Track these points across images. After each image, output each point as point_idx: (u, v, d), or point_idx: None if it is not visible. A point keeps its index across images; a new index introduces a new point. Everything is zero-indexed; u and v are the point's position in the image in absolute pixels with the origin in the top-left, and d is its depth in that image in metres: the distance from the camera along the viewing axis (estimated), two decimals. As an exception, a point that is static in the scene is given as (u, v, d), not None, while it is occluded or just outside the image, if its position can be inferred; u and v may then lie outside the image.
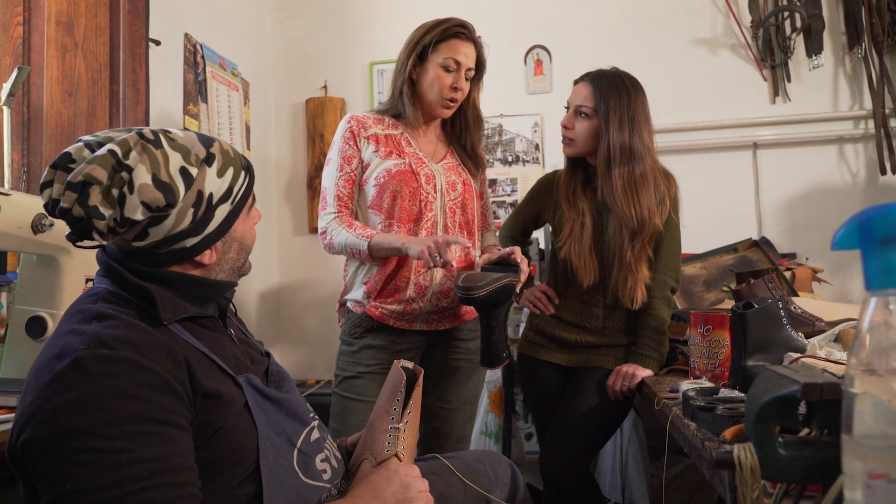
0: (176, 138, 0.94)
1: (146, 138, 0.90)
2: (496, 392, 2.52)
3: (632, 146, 1.67)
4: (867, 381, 0.52)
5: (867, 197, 2.71)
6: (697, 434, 1.03)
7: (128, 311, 0.89)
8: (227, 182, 0.97)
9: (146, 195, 0.87)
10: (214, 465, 0.88)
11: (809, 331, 1.51)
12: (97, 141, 0.90)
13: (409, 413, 1.13)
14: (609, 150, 1.67)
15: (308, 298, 3.17)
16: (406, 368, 1.18)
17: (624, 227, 1.67)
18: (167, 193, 0.88)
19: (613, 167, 1.67)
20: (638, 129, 1.68)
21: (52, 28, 1.89)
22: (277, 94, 3.23)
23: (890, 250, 0.52)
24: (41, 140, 1.86)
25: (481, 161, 1.82)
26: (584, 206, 1.78)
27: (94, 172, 0.85)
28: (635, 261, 1.68)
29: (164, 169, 0.89)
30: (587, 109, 1.71)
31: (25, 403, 0.80)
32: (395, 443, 1.10)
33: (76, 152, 0.88)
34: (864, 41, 2.70)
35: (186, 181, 0.91)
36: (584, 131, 1.72)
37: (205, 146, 0.96)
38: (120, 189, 0.86)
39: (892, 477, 0.48)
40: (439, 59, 1.63)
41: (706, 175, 2.85)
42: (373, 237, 1.57)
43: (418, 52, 1.65)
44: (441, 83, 1.63)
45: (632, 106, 1.68)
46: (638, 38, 2.94)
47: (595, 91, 1.70)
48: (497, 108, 2.99)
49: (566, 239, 1.77)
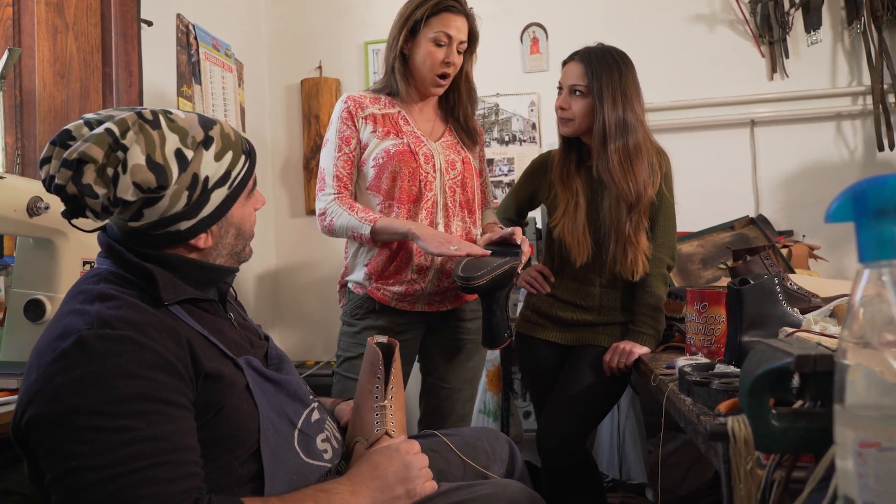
0: (176, 119, 0.94)
1: (145, 118, 0.90)
2: (494, 371, 2.53)
3: (626, 119, 1.67)
4: (860, 353, 0.52)
5: (865, 173, 2.70)
6: (693, 409, 1.04)
7: (130, 291, 0.89)
8: (224, 166, 0.96)
9: (138, 175, 0.86)
10: (216, 445, 0.89)
11: (805, 307, 1.52)
12: (97, 119, 0.90)
13: (391, 388, 1.13)
14: (604, 125, 1.67)
15: (306, 280, 3.17)
16: (380, 344, 1.18)
17: (622, 202, 1.67)
18: (159, 175, 0.88)
19: (609, 142, 1.67)
20: (630, 102, 1.69)
21: (42, 9, 1.87)
22: (272, 75, 3.21)
23: (883, 222, 0.52)
24: (34, 123, 1.85)
25: (477, 134, 1.80)
26: (578, 185, 1.78)
27: (89, 151, 0.84)
28: (634, 233, 1.68)
29: (158, 150, 0.89)
30: (581, 88, 1.71)
31: (29, 382, 0.81)
32: (384, 421, 1.10)
33: (76, 129, 0.88)
34: (863, 16, 2.67)
35: (181, 163, 0.91)
36: (580, 110, 1.72)
37: (204, 129, 0.95)
38: (115, 168, 0.86)
39: (884, 445, 0.49)
40: (430, 33, 1.61)
41: (703, 153, 2.84)
42: (376, 221, 1.56)
43: (409, 27, 1.63)
44: (433, 58, 1.62)
45: (623, 80, 1.69)
46: (635, 15, 2.91)
47: (587, 69, 1.70)
48: (493, 88, 2.97)
49: (560, 218, 1.77)
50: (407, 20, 1.63)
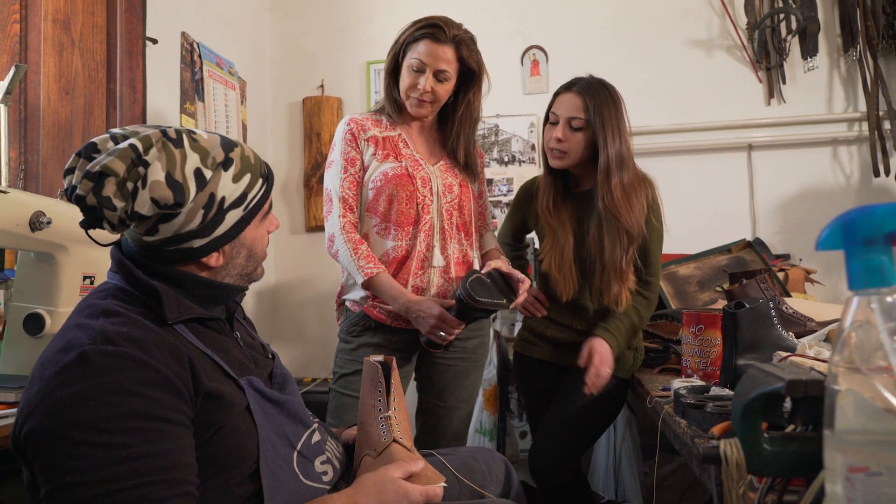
0: (199, 140, 0.95)
1: (169, 136, 0.92)
2: (491, 390, 2.53)
3: (622, 154, 1.67)
4: (850, 378, 0.53)
5: (860, 199, 2.72)
6: (688, 431, 1.05)
7: (135, 308, 0.90)
8: (241, 188, 0.98)
9: (156, 192, 0.88)
10: (213, 464, 0.89)
11: (800, 331, 1.52)
12: (123, 134, 0.92)
13: (394, 400, 1.14)
14: (607, 160, 1.65)
15: (304, 297, 3.17)
16: (378, 361, 1.20)
17: (623, 235, 1.66)
18: (177, 192, 0.90)
19: (612, 177, 1.65)
20: (624, 136, 1.69)
21: (48, 26, 1.89)
22: (274, 93, 3.24)
23: (872, 251, 0.53)
24: (38, 138, 1.86)
25: (476, 167, 1.79)
26: (566, 216, 1.78)
27: (112, 164, 0.86)
28: (626, 268, 1.68)
29: (179, 168, 0.91)
30: (580, 122, 1.68)
31: (31, 394, 0.82)
32: (390, 429, 1.11)
33: (101, 143, 0.90)
34: (858, 44, 2.71)
35: (199, 182, 0.93)
36: (577, 143, 1.70)
37: (225, 150, 0.97)
38: (135, 183, 0.88)
39: (872, 470, 0.49)
40: (409, 59, 1.64)
41: (701, 176, 2.86)
42: (373, 277, 1.59)
43: (395, 52, 1.67)
44: (406, 83, 1.65)
45: (618, 115, 1.69)
46: (634, 38, 2.96)
47: (587, 102, 1.67)
48: (493, 109, 3.01)
49: (547, 252, 1.78)
50: (395, 45, 1.68)
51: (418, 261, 1.64)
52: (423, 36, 1.62)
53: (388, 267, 1.64)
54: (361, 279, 1.59)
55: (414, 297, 1.59)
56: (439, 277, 1.66)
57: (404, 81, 1.65)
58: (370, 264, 1.60)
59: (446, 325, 1.54)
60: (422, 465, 1.06)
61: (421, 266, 1.65)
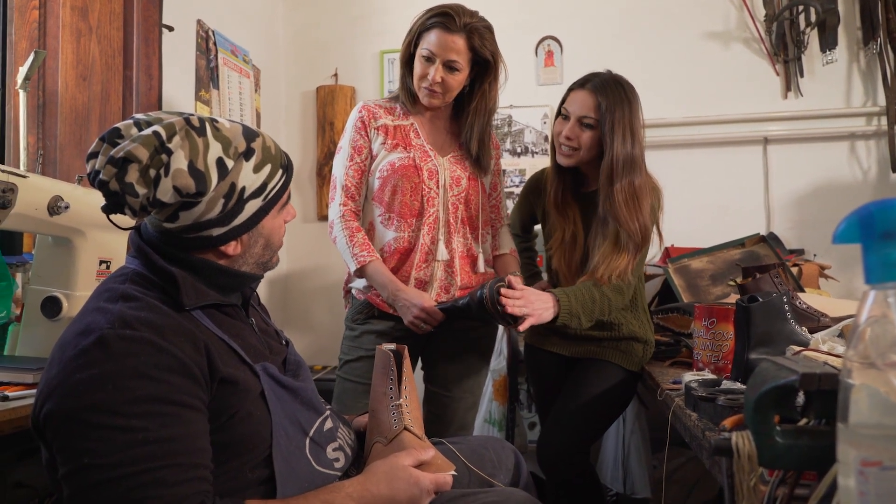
0: (221, 129, 0.96)
1: (192, 125, 0.93)
2: (501, 381, 2.54)
3: (633, 156, 1.63)
4: (865, 372, 0.53)
5: (878, 194, 2.68)
6: (699, 424, 1.05)
7: (153, 293, 0.91)
8: (262, 178, 0.99)
9: (179, 180, 0.89)
10: (228, 449, 0.90)
11: (814, 326, 1.51)
12: (147, 120, 0.93)
13: (405, 388, 1.15)
14: (612, 162, 1.62)
15: (315, 285, 3.19)
16: (390, 349, 1.20)
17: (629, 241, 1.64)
18: (199, 181, 0.90)
19: (616, 180, 1.62)
20: (637, 138, 1.65)
21: (67, 13, 1.91)
22: (288, 82, 3.24)
23: (889, 245, 0.53)
24: (56, 123, 1.88)
25: (489, 160, 1.77)
26: (575, 213, 1.77)
27: (135, 151, 0.87)
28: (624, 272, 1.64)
29: (201, 157, 0.91)
30: (591, 121, 1.65)
31: (50, 376, 0.83)
32: (401, 417, 1.12)
33: (125, 129, 0.91)
34: (879, 36, 2.67)
35: (221, 172, 0.93)
36: (588, 142, 1.67)
37: (247, 140, 0.98)
38: (157, 170, 0.89)
39: (885, 464, 0.49)
40: (420, 49, 1.63)
41: (716, 169, 2.84)
42: (366, 265, 1.60)
43: (409, 41, 1.67)
44: (417, 73, 1.65)
45: (632, 115, 1.64)
46: (650, 30, 2.93)
47: (600, 101, 1.64)
48: (507, 99, 2.99)
49: (556, 248, 1.77)
50: (409, 34, 1.67)
51: (422, 253, 1.64)
52: (434, 25, 1.61)
53: (390, 258, 1.64)
54: (354, 266, 1.61)
55: (402, 287, 1.60)
56: (443, 271, 1.66)
57: (416, 71, 1.65)
58: (364, 252, 1.61)
59: (430, 318, 1.57)
60: (432, 453, 1.06)
61: (425, 259, 1.65)
